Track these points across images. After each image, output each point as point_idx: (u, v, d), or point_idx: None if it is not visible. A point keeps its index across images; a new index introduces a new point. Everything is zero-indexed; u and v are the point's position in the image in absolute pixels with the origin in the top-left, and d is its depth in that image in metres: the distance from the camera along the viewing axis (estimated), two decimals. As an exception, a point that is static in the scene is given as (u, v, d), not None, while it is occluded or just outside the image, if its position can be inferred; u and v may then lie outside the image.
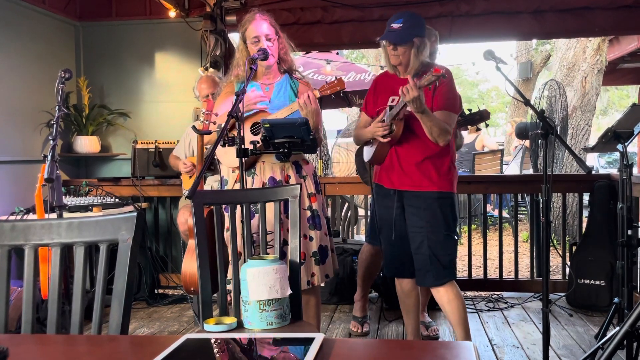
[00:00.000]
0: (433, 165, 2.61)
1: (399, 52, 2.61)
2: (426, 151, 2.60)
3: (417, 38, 2.59)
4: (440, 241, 2.61)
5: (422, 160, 2.60)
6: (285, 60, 2.68)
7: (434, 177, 2.60)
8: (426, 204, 2.60)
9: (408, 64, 2.64)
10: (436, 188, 2.60)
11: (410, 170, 2.62)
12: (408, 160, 2.62)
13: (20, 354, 0.97)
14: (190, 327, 3.61)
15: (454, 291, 2.65)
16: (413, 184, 2.62)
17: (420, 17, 2.69)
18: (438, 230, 2.60)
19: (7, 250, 1.27)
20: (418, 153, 2.60)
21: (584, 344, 3.13)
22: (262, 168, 2.58)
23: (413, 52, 2.60)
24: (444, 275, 2.63)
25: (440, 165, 2.62)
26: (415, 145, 2.61)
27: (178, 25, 4.43)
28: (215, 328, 1.53)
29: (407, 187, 2.64)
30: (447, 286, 2.64)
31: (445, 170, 2.63)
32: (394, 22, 2.61)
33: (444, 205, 2.62)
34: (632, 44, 6.77)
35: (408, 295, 2.82)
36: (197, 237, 1.79)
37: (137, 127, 4.58)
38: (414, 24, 2.59)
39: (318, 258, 2.59)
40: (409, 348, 1.01)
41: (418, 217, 2.62)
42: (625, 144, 2.72)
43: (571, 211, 6.18)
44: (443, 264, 2.61)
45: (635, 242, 2.75)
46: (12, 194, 3.87)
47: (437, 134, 2.51)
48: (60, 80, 2.48)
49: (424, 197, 2.61)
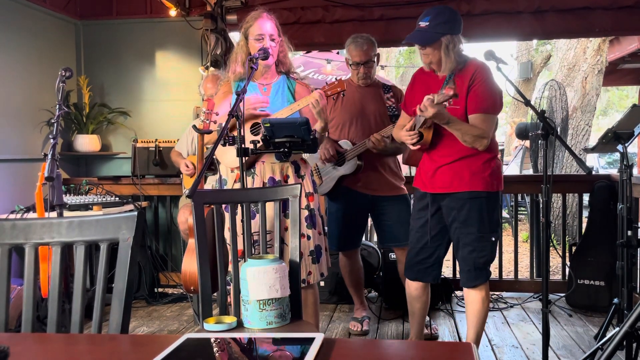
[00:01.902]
0: (466, 165, 2.54)
1: (427, 52, 2.53)
2: (458, 152, 2.54)
3: (445, 37, 2.47)
4: (471, 243, 2.56)
5: (453, 162, 2.55)
6: (284, 63, 2.68)
7: (465, 177, 2.53)
8: (459, 204, 2.55)
9: (440, 63, 2.55)
10: (467, 188, 2.53)
11: (440, 171, 2.58)
12: (438, 162, 2.59)
13: (21, 352, 0.97)
14: (190, 326, 3.61)
15: (481, 295, 2.62)
16: (443, 185, 2.58)
17: (450, 12, 2.54)
18: (471, 231, 2.55)
19: (7, 248, 1.27)
20: (449, 155, 2.56)
21: (583, 345, 3.13)
22: (261, 168, 2.58)
23: (443, 51, 2.50)
24: (475, 277, 2.59)
25: (472, 164, 2.54)
26: (447, 147, 2.56)
27: (178, 24, 4.43)
28: (215, 327, 1.53)
29: (438, 190, 2.61)
30: (476, 289, 2.62)
31: (479, 169, 2.53)
32: (422, 20, 2.52)
33: (476, 205, 2.53)
34: (632, 45, 6.77)
35: (417, 299, 2.80)
36: (197, 236, 1.79)
37: (138, 126, 4.58)
38: (441, 22, 2.48)
39: (315, 257, 2.60)
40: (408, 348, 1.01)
41: (452, 218, 2.60)
42: (625, 144, 2.73)
43: (571, 211, 6.18)
44: (475, 265, 2.57)
45: (635, 242, 2.75)
46: (13, 192, 3.87)
47: (471, 140, 2.48)
48: (61, 78, 2.48)
49: (456, 198, 2.56)
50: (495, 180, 2.56)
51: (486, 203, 2.55)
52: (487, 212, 2.55)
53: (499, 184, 2.59)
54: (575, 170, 6.46)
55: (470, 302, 2.65)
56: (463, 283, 2.65)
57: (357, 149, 3.20)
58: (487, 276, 2.62)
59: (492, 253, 2.61)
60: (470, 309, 2.66)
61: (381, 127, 3.18)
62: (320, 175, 3.35)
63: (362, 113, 3.28)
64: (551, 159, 2.54)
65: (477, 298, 2.62)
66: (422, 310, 2.83)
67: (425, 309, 2.84)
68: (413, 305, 2.83)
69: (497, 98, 2.56)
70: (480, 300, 2.62)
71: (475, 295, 2.63)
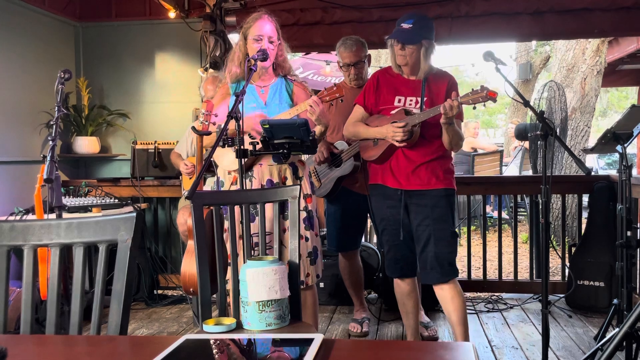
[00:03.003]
0: (439, 165, 2.67)
1: (406, 52, 2.61)
2: (433, 153, 2.66)
3: (425, 40, 2.61)
4: (446, 238, 2.64)
5: (430, 161, 2.65)
6: (282, 66, 2.68)
7: (440, 175, 2.66)
8: (433, 201, 2.64)
9: (415, 65, 2.65)
10: (443, 185, 2.66)
11: (418, 170, 2.65)
12: (417, 161, 2.65)
13: (19, 354, 0.97)
14: (190, 327, 3.61)
15: (457, 289, 2.67)
16: (421, 182, 2.65)
17: (431, 21, 2.71)
18: (445, 227, 2.64)
19: (6, 250, 1.27)
20: (426, 154, 2.65)
21: (583, 345, 3.13)
22: (259, 171, 2.58)
23: (422, 54, 2.62)
24: (449, 272, 2.65)
25: (444, 164, 2.69)
26: (424, 147, 2.65)
27: (178, 26, 4.43)
28: (214, 329, 1.53)
29: (415, 187, 2.66)
30: (451, 284, 2.66)
31: (449, 169, 2.72)
32: (405, 22, 2.61)
33: (449, 201, 2.68)
34: (631, 46, 6.77)
35: (408, 296, 2.82)
36: (196, 237, 1.79)
37: (137, 128, 4.58)
38: (424, 26, 2.60)
39: (312, 258, 2.60)
40: (408, 349, 1.01)
41: (424, 215, 2.64)
42: (624, 145, 2.73)
43: (570, 212, 6.18)
44: (449, 260, 2.64)
45: (635, 243, 2.75)
46: (12, 194, 3.87)
47: (456, 142, 2.63)
48: (60, 80, 2.48)
49: (431, 195, 2.64)
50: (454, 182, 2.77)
51: (453, 201, 2.73)
52: (453, 209, 2.71)
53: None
54: (574, 171, 6.46)
55: (450, 298, 2.65)
56: (435, 280, 2.67)
57: (352, 149, 3.21)
58: (457, 272, 2.71)
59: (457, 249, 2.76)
60: (452, 306, 2.65)
61: None
62: (319, 177, 3.35)
63: None
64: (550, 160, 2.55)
65: (456, 292, 2.65)
66: (415, 307, 2.86)
67: (417, 306, 2.88)
68: (405, 305, 2.85)
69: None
70: (458, 294, 2.66)
71: (452, 290, 2.65)
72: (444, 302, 2.69)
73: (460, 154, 7.87)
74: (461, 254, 5.21)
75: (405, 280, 2.79)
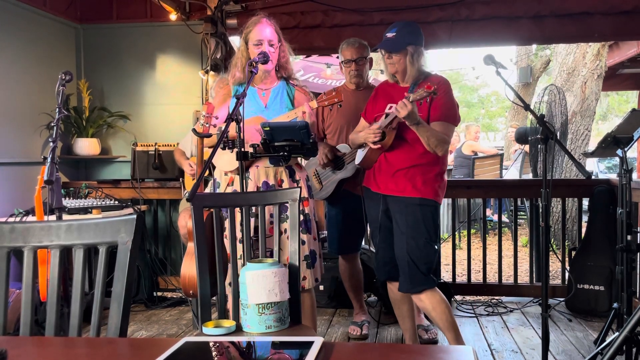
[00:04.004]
0: (420, 173, 2.64)
1: (394, 60, 2.66)
2: (415, 159, 2.64)
3: (410, 46, 2.64)
4: (419, 247, 2.61)
5: (410, 167, 2.64)
6: (285, 68, 2.69)
7: (418, 184, 2.63)
8: (407, 209, 2.63)
9: (405, 72, 2.69)
10: (419, 194, 2.62)
11: (396, 175, 2.66)
12: (396, 166, 2.67)
13: (19, 356, 0.97)
14: (189, 330, 3.60)
15: (436, 297, 2.64)
16: (397, 189, 2.66)
17: (415, 26, 2.72)
18: (418, 236, 2.61)
19: (6, 252, 1.27)
20: (407, 160, 2.65)
21: (583, 349, 3.13)
22: (256, 172, 2.59)
23: (408, 60, 2.65)
24: (421, 282, 2.62)
25: (426, 173, 2.65)
26: (405, 152, 2.65)
27: (179, 28, 4.43)
28: (213, 331, 1.53)
29: (390, 192, 2.68)
30: (427, 293, 2.63)
31: (431, 179, 2.65)
32: (389, 31, 2.68)
33: (425, 212, 2.63)
34: (631, 50, 6.77)
35: (402, 300, 2.81)
36: (196, 239, 1.79)
37: (137, 130, 4.59)
38: (407, 33, 2.64)
39: (310, 262, 2.60)
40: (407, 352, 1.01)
41: (399, 222, 2.65)
42: (624, 149, 2.73)
43: (570, 216, 6.18)
44: (421, 270, 2.61)
45: (635, 247, 2.75)
46: (12, 195, 3.87)
47: (435, 144, 2.57)
48: (61, 82, 2.48)
49: (405, 203, 2.64)
50: (441, 193, 2.71)
51: (434, 212, 2.67)
52: (432, 220, 2.65)
53: (442, 197, 2.73)
54: (574, 175, 6.46)
55: (431, 308, 2.64)
56: (407, 289, 2.65)
57: (355, 152, 3.20)
58: (434, 282, 2.65)
59: (434, 260, 2.67)
60: (435, 314, 2.64)
61: None
62: (320, 180, 3.35)
63: (358, 117, 3.29)
64: (551, 164, 2.55)
65: (434, 302, 2.63)
66: (410, 311, 2.84)
67: (412, 310, 2.85)
68: (400, 308, 2.84)
69: (457, 111, 2.71)
70: (438, 302, 2.63)
71: (431, 300, 2.63)
72: (427, 312, 2.69)
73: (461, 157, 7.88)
74: (461, 257, 5.21)
75: (395, 284, 2.78)
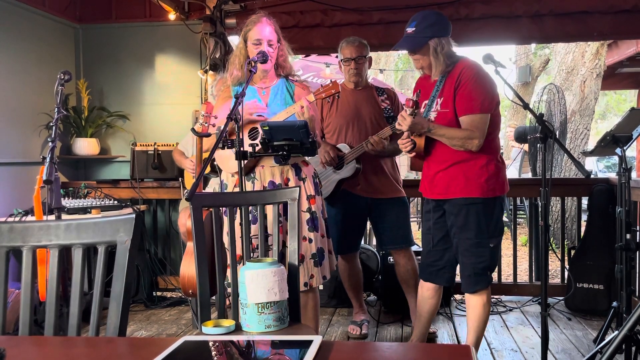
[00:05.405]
0: (461, 171, 2.52)
1: (417, 57, 2.58)
2: (452, 158, 2.53)
3: (433, 40, 2.50)
4: (470, 248, 2.56)
5: (448, 167, 2.55)
6: (284, 67, 2.68)
7: (461, 183, 2.52)
8: (455, 210, 2.56)
9: (431, 67, 2.57)
10: (462, 194, 2.52)
11: (436, 178, 2.60)
12: (434, 168, 2.61)
13: (18, 355, 0.97)
14: (189, 329, 3.60)
15: (483, 300, 2.62)
16: (440, 191, 2.60)
17: (435, 16, 2.58)
18: (467, 236, 2.55)
19: (5, 251, 1.27)
20: (443, 161, 2.56)
21: (582, 348, 3.13)
22: (261, 172, 2.58)
23: (432, 55, 2.53)
24: (474, 282, 2.59)
25: (468, 169, 2.52)
26: (440, 154, 2.57)
27: (178, 27, 4.43)
28: (213, 331, 1.53)
29: (436, 196, 2.63)
30: (479, 294, 2.62)
31: (475, 175, 2.51)
32: (409, 26, 2.56)
33: (470, 211, 2.52)
34: (630, 49, 6.78)
35: (427, 301, 2.79)
36: (195, 239, 1.78)
37: (136, 130, 4.58)
38: (427, 26, 2.51)
39: (317, 260, 2.59)
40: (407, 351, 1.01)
41: (450, 223, 2.61)
42: (623, 148, 2.73)
43: (570, 215, 6.18)
44: (475, 271, 2.58)
45: (634, 246, 2.75)
46: (11, 195, 3.87)
47: (460, 143, 2.47)
48: (60, 82, 2.48)
49: (452, 204, 2.58)
50: (493, 186, 2.52)
51: (483, 209, 2.52)
52: (484, 218, 2.52)
53: (499, 188, 2.55)
54: (574, 174, 6.47)
55: (472, 307, 2.66)
56: (464, 288, 2.66)
57: (355, 151, 3.20)
58: (488, 282, 2.62)
59: (492, 259, 2.60)
60: (471, 313, 2.67)
61: (377, 130, 3.18)
62: (319, 179, 3.35)
63: (357, 116, 3.28)
64: (550, 163, 2.54)
65: (478, 303, 2.63)
66: (430, 313, 2.82)
67: (432, 313, 2.83)
68: (422, 307, 2.82)
69: (486, 96, 2.50)
70: (481, 305, 2.63)
71: (476, 300, 2.63)
72: (467, 308, 2.72)
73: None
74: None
75: (426, 285, 2.77)
